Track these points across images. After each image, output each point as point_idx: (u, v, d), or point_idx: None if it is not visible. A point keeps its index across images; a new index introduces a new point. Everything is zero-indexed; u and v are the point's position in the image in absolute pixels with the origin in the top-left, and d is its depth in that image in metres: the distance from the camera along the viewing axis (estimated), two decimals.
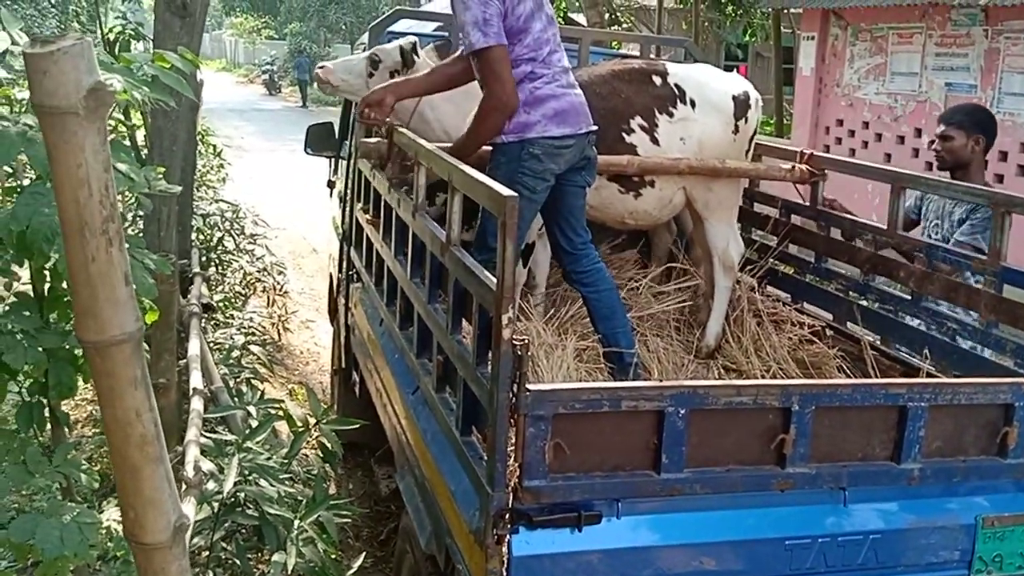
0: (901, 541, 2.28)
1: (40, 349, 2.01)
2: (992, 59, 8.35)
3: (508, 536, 1.98)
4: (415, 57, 3.72)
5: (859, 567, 2.23)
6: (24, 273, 2.24)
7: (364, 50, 4.01)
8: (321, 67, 3.85)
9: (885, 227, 3.51)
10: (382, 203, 3.47)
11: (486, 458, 2.06)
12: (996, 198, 3.09)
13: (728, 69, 4.76)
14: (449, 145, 3.13)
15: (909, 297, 3.38)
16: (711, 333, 3.63)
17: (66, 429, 2.34)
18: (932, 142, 3.97)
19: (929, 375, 3.11)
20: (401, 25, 4.43)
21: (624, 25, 16.88)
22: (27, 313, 2.08)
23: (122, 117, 3.54)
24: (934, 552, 2.30)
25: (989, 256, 3.06)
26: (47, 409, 2.25)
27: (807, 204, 3.92)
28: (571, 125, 3.03)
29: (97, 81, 1.12)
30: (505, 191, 2.10)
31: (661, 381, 3.03)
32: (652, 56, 4.88)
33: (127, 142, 3.86)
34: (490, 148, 3.10)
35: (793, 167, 3.85)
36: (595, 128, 3.14)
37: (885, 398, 2.25)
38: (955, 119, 3.87)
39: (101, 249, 1.17)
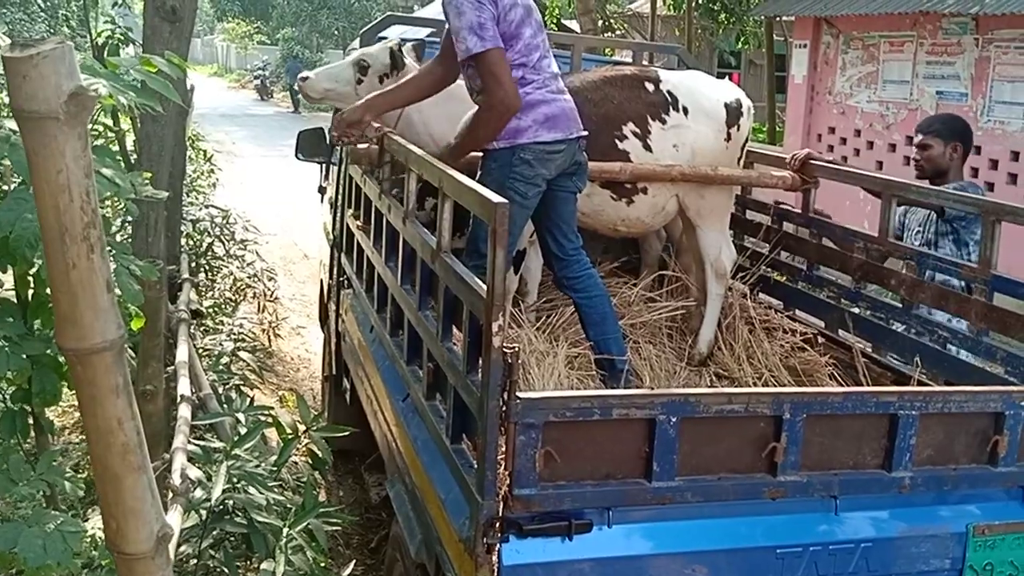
0: (892, 549, 2.27)
1: (24, 356, 1.99)
2: (982, 67, 8.39)
3: (498, 545, 1.96)
4: (405, 60, 3.71)
5: (850, 575, 2.23)
6: (7, 279, 2.21)
7: None
8: (303, 78, 3.76)
9: (876, 235, 3.51)
10: (372, 209, 3.46)
11: (476, 466, 2.05)
12: (986, 206, 3.10)
13: (721, 76, 4.78)
14: (445, 148, 3.13)
15: (900, 305, 3.38)
16: (703, 340, 3.62)
17: (50, 436, 2.32)
18: None
19: (920, 383, 3.11)
20: (394, 31, 4.42)
21: (618, 32, 16.92)
22: (10, 319, 2.06)
23: (110, 122, 3.51)
24: (925, 560, 2.29)
25: (979, 265, 3.06)
26: (31, 416, 2.23)
27: (799, 211, 3.92)
28: (562, 130, 3.03)
29: (78, 86, 1.10)
30: (495, 198, 2.10)
31: (652, 389, 3.02)
32: (645, 63, 4.88)
33: (115, 147, 3.83)
34: (481, 154, 3.09)
35: (790, 160, 3.85)
36: (585, 133, 3.14)
37: (876, 406, 2.25)
38: (933, 128, 3.92)
39: (82, 256, 1.15)
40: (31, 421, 2.25)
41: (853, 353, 3.45)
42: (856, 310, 3.60)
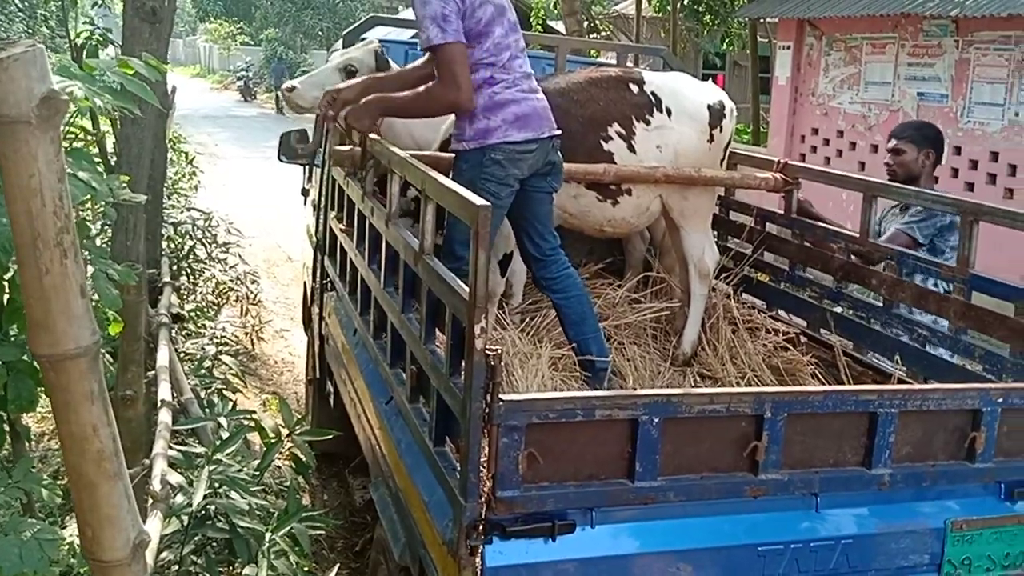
0: (872, 546, 2.28)
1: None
2: (963, 69, 8.46)
3: (481, 547, 1.96)
4: (389, 61, 3.71)
5: (831, 572, 2.23)
6: None
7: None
8: (289, 88, 3.75)
9: (858, 235, 3.53)
10: (356, 211, 3.45)
11: (459, 469, 2.05)
12: (964, 206, 3.12)
13: (706, 78, 4.80)
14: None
15: (881, 304, 3.40)
16: (687, 340, 3.63)
17: (28, 443, 2.29)
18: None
19: (900, 381, 3.13)
20: (378, 32, 4.41)
21: (603, 33, 16.95)
22: None
23: (89, 125, 3.49)
24: (904, 556, 2.30)
25: (958, 264, 3.08)
26: (7, 423, 2.20)
27: (782, 212, 3.94)
28: (533, 130, 3.02)
29: (50, 89, 1.10)
30: (477, 200, 2.10)
31: (635, 389, 3.03)
32: (630, 64, 4.90)
33: (95, 150, 3.80)
34: (453, 155, 3.10)
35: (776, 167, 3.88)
36: (559, 133, 3.14)
37: (856, 404, 2.26)
38: (906, 134, 3.99)
39: (55, 261, 1.14)
40: (7, 427, 2.23)
41: (835, 352, 3.46)
42: (838, 309, 3.62)
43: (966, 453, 2.37)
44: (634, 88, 3.65)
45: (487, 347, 1.93)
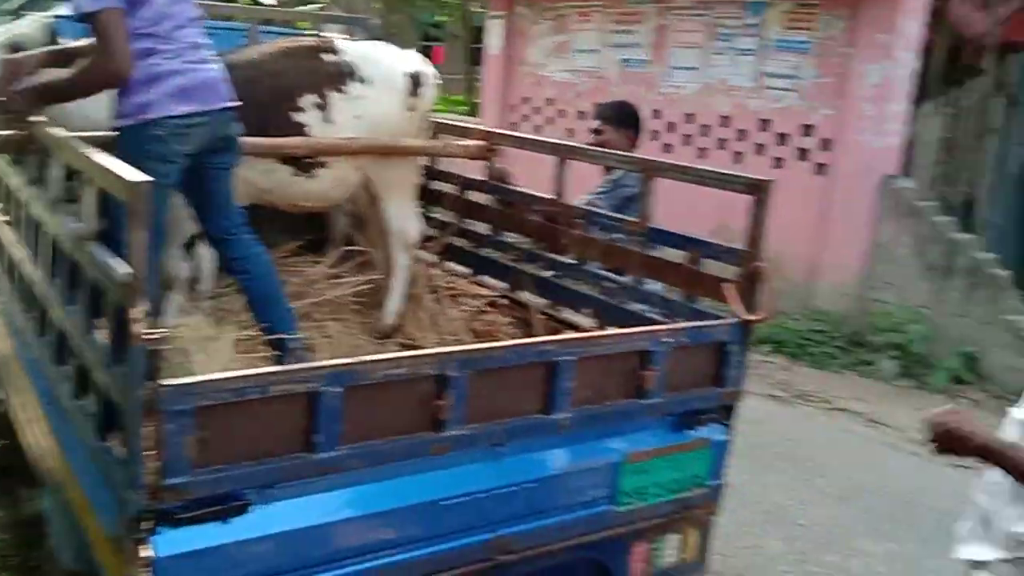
0: (554, 486, 2.42)
1: None
2: (663, 35, 8.98)
3: (149, 538, 1.87)
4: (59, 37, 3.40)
5: (515, 515, 2.35)
6: None
7: None
8: None
9: (552, 197, 3.67)
10: (16, 201, 3.14)
11: (124, 462, 1.93)
12: (643, 164, 3.33)
13: (424, 50, 4.77)
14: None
15: (574, 262, 3.56)
16: (389, 312, 3.64)
17: None
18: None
19: None
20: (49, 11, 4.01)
21: (319, 5, 16.55)
22: None
23: None
24: (584, 492, 2.47)
25: (639, 218, 3.28)
26: None
27: (484, 180, 4.03)
28: (198, 102, 2.88)
29: None
30: (134, 176, 1.97)
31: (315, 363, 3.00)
32: (336, 35, 4.79)
33: None
34: (116, 133, 2.90)
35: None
36: (234, 105, 3.01)
37: (536, 355, 2.37)
38: (605, 114, 4.25)
39: None
40: None
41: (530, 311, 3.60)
42: (536, 271, 3.76)
43: (638, 391, 2.55)
44: (328, 57, 3.57)
45: (146, 331, 1.83)
